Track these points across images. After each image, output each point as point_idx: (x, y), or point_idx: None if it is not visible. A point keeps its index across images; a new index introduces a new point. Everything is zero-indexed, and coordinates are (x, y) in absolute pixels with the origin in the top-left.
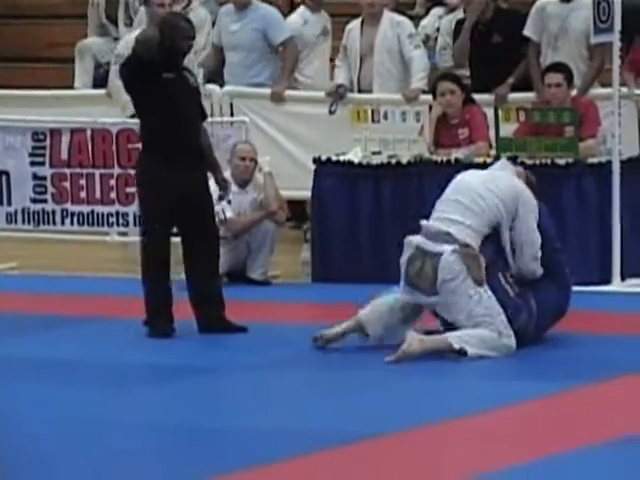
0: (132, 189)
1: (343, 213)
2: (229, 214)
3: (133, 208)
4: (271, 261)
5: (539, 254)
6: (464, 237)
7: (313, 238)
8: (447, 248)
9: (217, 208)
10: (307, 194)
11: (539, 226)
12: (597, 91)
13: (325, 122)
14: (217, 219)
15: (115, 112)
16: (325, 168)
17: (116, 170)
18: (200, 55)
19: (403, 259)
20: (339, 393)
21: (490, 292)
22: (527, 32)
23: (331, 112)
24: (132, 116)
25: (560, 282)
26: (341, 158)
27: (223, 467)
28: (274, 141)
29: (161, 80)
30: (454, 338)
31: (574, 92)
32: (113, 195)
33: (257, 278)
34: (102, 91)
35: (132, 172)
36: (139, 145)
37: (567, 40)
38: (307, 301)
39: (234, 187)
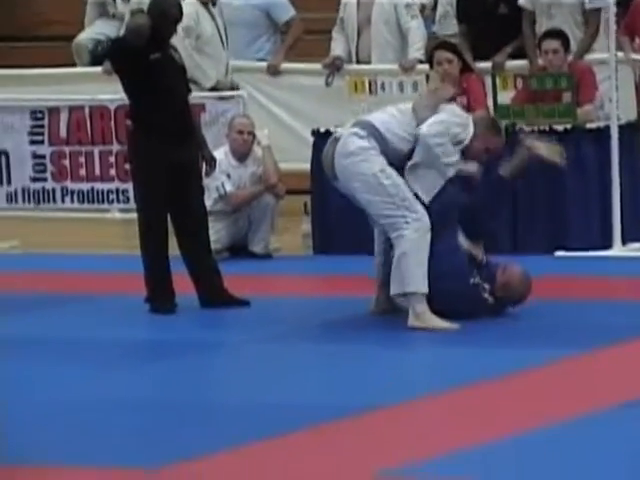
0: None
1: None
2: (229, 188)
3: None
4: (272, 234)
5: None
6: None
7: (313, 210)
8: (351, 129)
9: (217, 182)
10: (306, 166)
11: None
12: (594, 56)
13: (323, 94)
14: (217, 193)
15: (112, 89)
16: (324, 140)
17: (115, 147)
18: None
19: None
20: (338, 366)
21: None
22: (521, 1)
23: (328, 84)
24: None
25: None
26: (339, 130)
27: (216, 444)
28: (272, 114)
29: (149, 61)
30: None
31: (571, 58)
32: (113, 172)
33: (258, 251)
34: (99, 69)
35: None
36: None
37: (561, 7)
38: (309, 273)
39: (233, 161)
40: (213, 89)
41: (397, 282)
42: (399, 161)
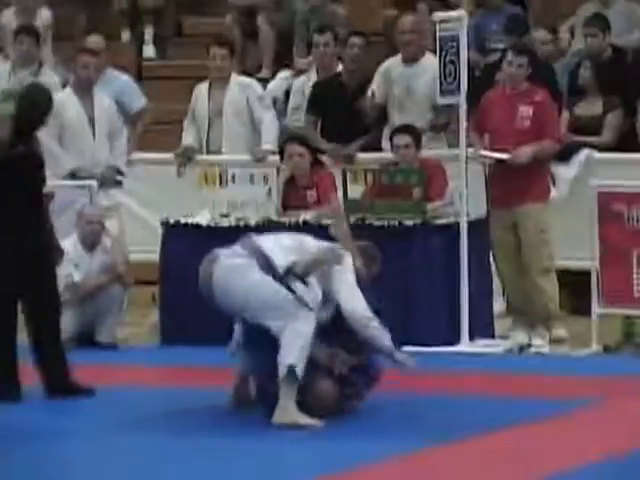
0: None
1: (191, 275)
2: (77, 277)
3: None
4: (119, 324)
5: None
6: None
7: (162, 301)
8: (231, 249)
9: (65, 272)
10: (155, 257)
11: None
12: (444, 152)
13: (173, 184)
14: (65, 283)
15: None
16: (173, 230)
17: None
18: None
19: None
20: (183, 459)
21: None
22: (377, 99)
23: (179, 174)
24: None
25: None
26: (189, 220)
27: None
28: (122, 204)
29: (10, 155)
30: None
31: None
32: None
33: (105, 341)
34: None
35: None
36: None
37: (413, 102)
38: (156, 364)
39: (82, 250)
40: (73, 176)
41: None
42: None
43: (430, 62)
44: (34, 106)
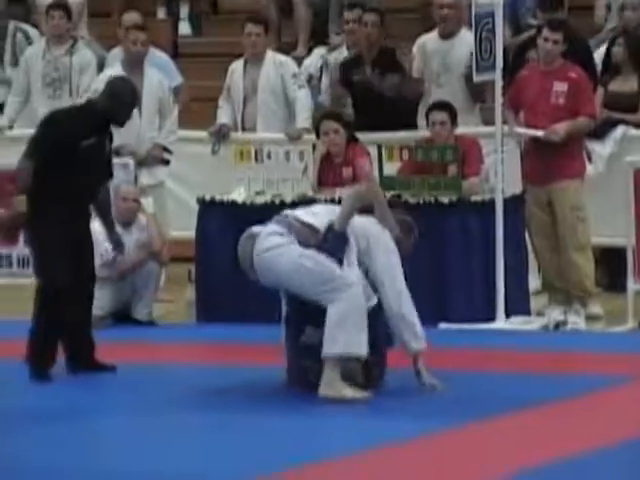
0: None
1: (227, 253)
2: (112, 255)
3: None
4: (156, 301)
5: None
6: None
7: (197, 278)
8: (270, 226)
9: (101, 249)
10: (191, 234)
11: None
12: (480, 129)
13: (208, 162)
14: (102, 260)
15: None
16: (209, 208)
17: None
18: (84, 97)
19: None
20: (220, 437)
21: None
22: (415, 73)
23: (214, 152)
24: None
25: None
26: (225, 198)
27: None
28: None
29: (80, 147)
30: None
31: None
32: None
33: (142, 318)
34: None
35: None
36: None
37: (450, 76)
38: (191, 342)
39: (118, 227)
40: (117, 153)
41: (327, 343)
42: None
43: (467, 37)
44: (117, 99)
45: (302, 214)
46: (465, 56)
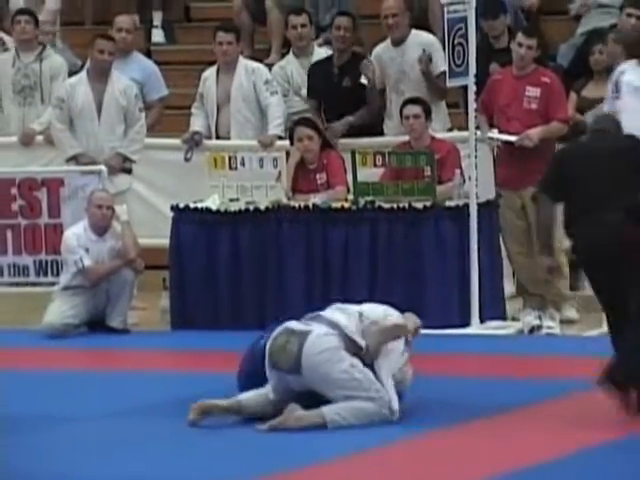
0: None
1: (202, 260)
2: (87, 262)
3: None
4: (130, 309)
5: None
6: (348, 322)
7: (172, 286)
8: (318, 327)
9: (75, 257)
10: (165, 241)
11: None
12: (453, 134)
13: (182, 169)
14: (75, 268)
15: None
16: (183, 215)
17: None
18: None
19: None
20: (192, 443)
21: (363, 368)
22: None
23: (187, 159)
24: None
25: None
26: (199, 205)
27: None
28: (131, 189)
29: None
30: (330, 414)
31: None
32: None
33: (116, 326)
34: None
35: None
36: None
37: (408, 82)
38: (166, 349)
39: (92, 235)
40: (73, 159)
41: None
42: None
43: (417, 39)
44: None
45: (344, 322)
46: (417, 57)
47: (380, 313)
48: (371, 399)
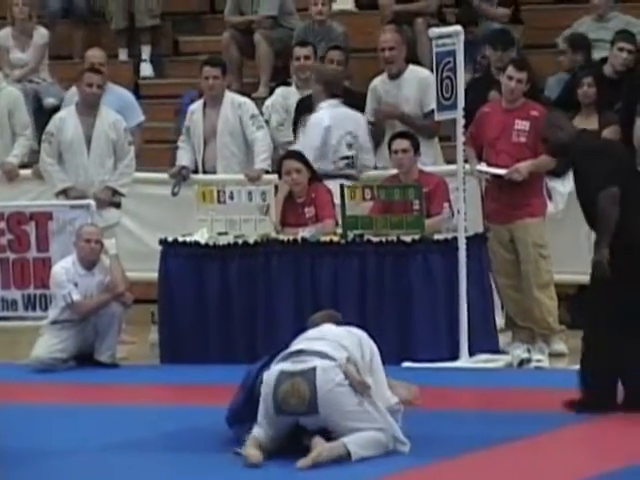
0: None
1: (190, 294)
2: (76, 297)
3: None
4: (119, 343)
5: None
6: (335, 352)
7: (161, 319)
8: (319, 361)
9: (64, 291)
10: (154, 275)
11: None
12: (441, 168)
13: (170, 203)
14: (64, 302)
15: None
16: (172, 249)
17: None
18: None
19: (265, 391)
20: (182, 477)
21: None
22: (368, 116)
23: (174, 194)
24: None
25: None
26: (187, 239)
27: None
28: (119, 222)
29: None
30: (352, 445)
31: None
32: None
33: (105, 360)
34: None
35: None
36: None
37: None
38: (155, 383)
39: (80, 269)
40: (62, 193)
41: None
42: None
43: (413, 74)
44: None
45: (328, 349)
46: (413, 94)
47: (346, 337)
48: (381, 430)
